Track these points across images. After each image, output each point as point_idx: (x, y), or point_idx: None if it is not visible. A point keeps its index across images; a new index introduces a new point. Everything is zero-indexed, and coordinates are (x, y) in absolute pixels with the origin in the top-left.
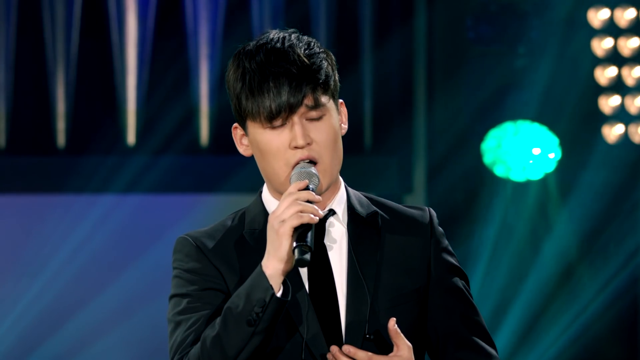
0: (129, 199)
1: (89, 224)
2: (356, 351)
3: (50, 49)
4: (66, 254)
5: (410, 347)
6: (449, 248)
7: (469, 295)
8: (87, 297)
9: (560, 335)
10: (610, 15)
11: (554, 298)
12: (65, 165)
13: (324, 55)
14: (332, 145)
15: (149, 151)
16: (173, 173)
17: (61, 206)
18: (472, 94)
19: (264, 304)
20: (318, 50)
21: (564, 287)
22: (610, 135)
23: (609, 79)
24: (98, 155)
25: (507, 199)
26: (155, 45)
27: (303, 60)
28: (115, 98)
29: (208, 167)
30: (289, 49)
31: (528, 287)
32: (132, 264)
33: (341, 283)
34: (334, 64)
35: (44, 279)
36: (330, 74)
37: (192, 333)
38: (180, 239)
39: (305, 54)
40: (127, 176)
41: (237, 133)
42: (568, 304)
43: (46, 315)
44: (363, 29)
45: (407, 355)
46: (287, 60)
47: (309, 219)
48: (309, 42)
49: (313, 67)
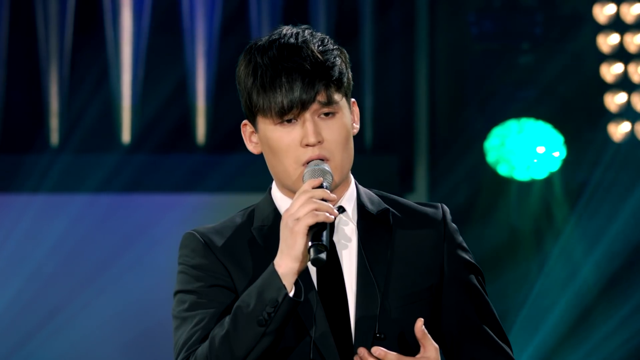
0: (124, 199)
1: (85, 225)
2: (386, 353)
3: (43, 45)
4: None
5: (437, 348)
6: (463, 244)
7: (484, 292)
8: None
9: (564, 337)
10: (616, 10)
11: (559, 300)
12: (59, 164)
13: (337, 52)
14: (344, 144)
15: (144, 150)
16: (169, 172)
17: (57, 206)
18: (475, 91)
19: (276, 304)
20: (332, 47)
21: (569, 289)
22: (617, 133)
23: (615, 76)
24: (92, 154)
25: (511, 199)
26: (150, 41)
27: (317, 56)
28: (110, 95)
29: (205, 167)
30: (302, 44)
31: (533, 289)
32: (127, 265)
33: (351, 281)
34: (348, 61)
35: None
36: (343, 71)
37: (199, 331)
38: (187, 235)
39: (319, 50)
40: (123, 175)
41: (247, 130)
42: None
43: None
44: (363, 25)
45: (434, 356)
46: (300, 55)
47: (324, 218)
48: (322, 39)
49: (327, 63)
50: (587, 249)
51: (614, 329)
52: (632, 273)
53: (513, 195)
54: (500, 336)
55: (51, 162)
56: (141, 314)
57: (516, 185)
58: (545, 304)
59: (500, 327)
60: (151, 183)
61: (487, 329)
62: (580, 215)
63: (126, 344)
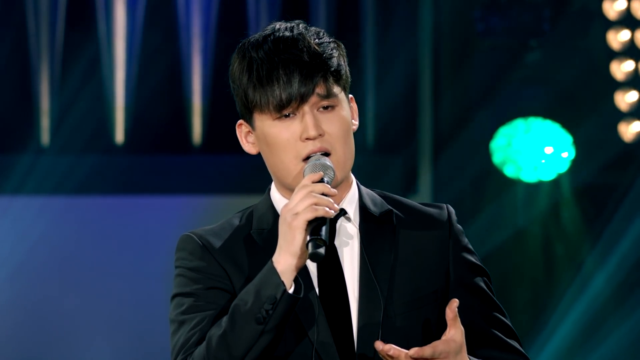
0: (117, 201)
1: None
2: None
3: (33, 41)
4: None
5: (462, 331)
6: (468, 246)
7: (491, 294)
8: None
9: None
10: (627, 6)
11: (567, 304)
12: (50, 164)
13: (334, 44)
14: (345, 138)
15: (137, 150)
16: (163, 173)
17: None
18: (480, 90)
19: (274, 300)
20: (328, 39)
21: (577, 292)
22: (627, 133)
23: (626, 74)
24: (84, 154)
25: (518, 201)
26: (145, 37)
27: (314, 48)
28: (102, 94)
29: (201, 167)
30: (298, 36)
31: (541, 293)
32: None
33: (353, 286)
34: (345, 55)
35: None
36: (341, 63)
37: (197, 333)
38: (184, 237)
39: (315, 42)
40: (115, 177)
41: (242, 130)
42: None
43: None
44: (365, 20)
45: (459, 339)
46: (297, 47)
47: (324, 212)
48: (318, 32)
49: (324, 55)
50: (597, 253)
51: (626, 334)
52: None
53: (520, 197)
54: (509, 334)
55: (41, 162)
56: (133, 317)
57: (523, 187)
58: (553, 310)
59: (509, 325)
60: (145, 184)
61: (496, 331)
62: (590, 218)
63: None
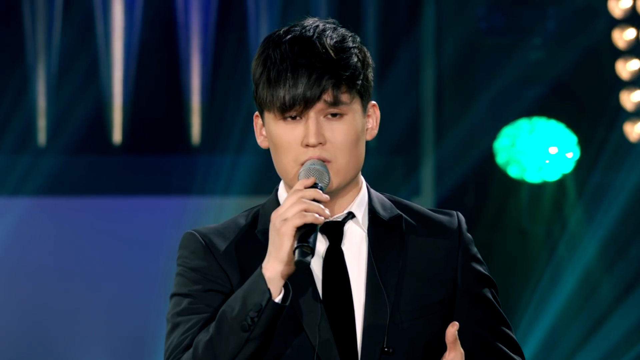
0: (114, 202)
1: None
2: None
3: (30, 40)
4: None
5: (463, 353)
6: (477, 256)
7: (498, 306)
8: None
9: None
10: (633, 4)
11: (571, 307)
12: (47, 164)
13: (356, 50)
14: (349, 148)
15: (135, 150)
16: (162, 174)
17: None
18: (483, 89)
19: (259, 308)
20: (351, 44)
21: (582, 295)
22: (633, 132)
23: (631, 73)
24: (82, 155)
25: (522, 202)
26: (143, 36)
27: (329, 53)
28: (100, 93)
29: (200, 168)
30: (316, 40)
31: (544, 295)
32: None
33: (359, 291)
34: (368, 62)
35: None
36: (359, 71)
37: (189, 337)
38: (188, 235)
39: (334, 47)
40: (113, 177)
41: (258, 122)
42: (587, 314)
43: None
44: (367, 19)
45: None
46: (311, 51)
47: (313, 219)
48: (344, 36)
49: (340, 61)
50: (602, 254)
51: (629, 336)
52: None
53: (524, 198)
54: (514, 349)
55: (38, 163)
56: (131, 318)
57: (527, 188)
58: (557, 311)
59: (514, 340)
60: (144, 185)
61: (501, 345)
62: (595, 219)
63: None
